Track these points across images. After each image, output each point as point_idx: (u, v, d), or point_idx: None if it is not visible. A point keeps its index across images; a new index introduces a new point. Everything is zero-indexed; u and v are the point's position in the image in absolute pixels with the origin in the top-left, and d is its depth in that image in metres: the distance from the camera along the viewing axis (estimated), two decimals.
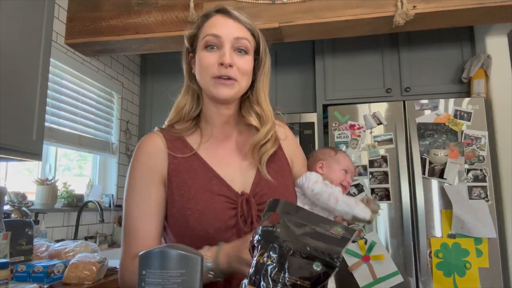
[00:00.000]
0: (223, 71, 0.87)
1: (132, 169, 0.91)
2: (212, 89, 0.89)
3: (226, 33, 0.89)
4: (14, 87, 1.46)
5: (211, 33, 0.89)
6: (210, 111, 0.95)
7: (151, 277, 0.55)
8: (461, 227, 2.19)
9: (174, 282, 0.55)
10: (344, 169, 1.07)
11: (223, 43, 0.88)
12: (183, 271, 0.56)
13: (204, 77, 0.90)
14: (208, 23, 0.92)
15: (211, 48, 0.89)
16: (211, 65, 0.88)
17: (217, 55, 0.88)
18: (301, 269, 0.53)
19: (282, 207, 0.62)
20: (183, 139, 0.94)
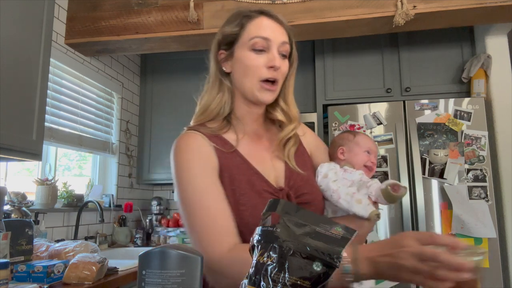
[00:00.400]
0: (273, 73, 0.90)
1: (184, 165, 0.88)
2: (256, 92, 0.91)
3: (275, 37, 0.91)
4: (14, 87, 1.46)
5: (260, 36, 0.90)
6: (242, 110, 0.97)
7: (151, 277, 0.55)
8: (461, 227, 2.19)
9: (174, 282, 0.55)
10: (366, 150, 1.04)
11: (271, 47, 0.90)
12: (183, 271, 0.56)
13: (250, 79, 0.91)
14: (253, 24, 0.92)
15: (259, 51, 0.90)
16: (259, 68, 0.90)
17: (265, 58, 0.90)
18: (301, 269, 0.53)
19: (282, 207, 0.62)
20: (221, 137, 0.94)
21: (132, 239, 2.85)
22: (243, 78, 0.92)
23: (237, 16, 0.96)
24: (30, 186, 2.19)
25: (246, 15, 0.94)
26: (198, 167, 0.87)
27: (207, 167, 0.88)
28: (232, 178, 0.88)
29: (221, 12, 2.30)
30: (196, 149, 0.89)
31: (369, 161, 1.03)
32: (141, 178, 3.11)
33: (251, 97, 0.93)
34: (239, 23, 0.94)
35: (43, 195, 2.14)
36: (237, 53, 0.93)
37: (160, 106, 3.17)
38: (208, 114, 0.96)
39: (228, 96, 0.95)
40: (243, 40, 0.92)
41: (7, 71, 1.42)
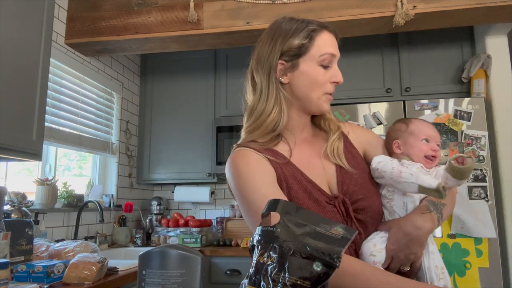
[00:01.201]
0: (334, 89, 0.95)
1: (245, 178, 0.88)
2: (323, 104, 0.95)
3: (337, 53, 0.95)
4: (14, 87, 1.46)
5: (330, 52, 0.93)
6: (294, 120, 0.98)
7: (151, 277, 0.55)
8: (461, 227, 2.19)
9: (174, 282, 0.55)
10: (423, 138, 0.95)
11: (334, 62, 0.95)
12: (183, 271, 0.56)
13: (317, 92, 0.93)
14: (322, 39, 0.93)
15: (326, 67, 0.93)
16: (325, 83, 0.93)
17: (330, 73, 0.93)
18: (301, 269, 0.53)
19: (282, 207, 0.62)
20: (272, 149, 0.94)
21: (132, 239, 2.85)
22: (309, 91, 0.93)
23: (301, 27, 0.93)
24: (30, 186, 2.19)
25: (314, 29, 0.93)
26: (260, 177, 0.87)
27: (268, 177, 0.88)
28: (289, 187, 0.89)
29: (221, 12, 2.30)
30: (253, 162, 0.90)
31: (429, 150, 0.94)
32: (141, 178, 3.11)
33: (315, 108, 0.96)
34: (308, 35, 0.92)
35: (43, 195, 2.14)
36: (303, 66, 0.93)
37: (160, 106, 3.17)
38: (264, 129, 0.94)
39: (285, 108, 0.94)
40: (312, 55, 0.92)
41: (7, 71, 1.42)
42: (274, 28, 0.97)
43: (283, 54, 0.93)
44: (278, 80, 0.94)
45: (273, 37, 0.95)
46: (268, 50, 0.94)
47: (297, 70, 0.93)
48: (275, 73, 0.94)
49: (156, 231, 2.88)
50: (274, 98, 0.93)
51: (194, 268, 0.57)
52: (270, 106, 0.93)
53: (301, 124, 0.99)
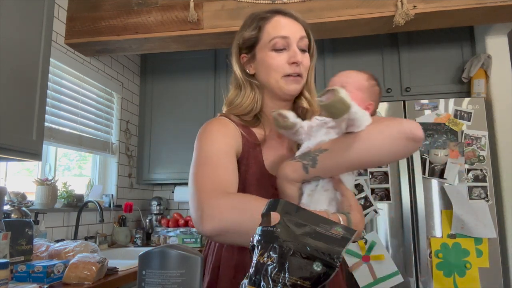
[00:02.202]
0: (295, 69, 0.94)
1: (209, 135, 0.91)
2: (284, 86, 0.95)
3: (293, 34, 0.95)
4: (14, 87, 1.46)
5: (279, 35, 0.94)
6: (269, 107, 1.00)
7: (151, 277, 0.55)
8: (461, 227, 2.19)
9: (174, 282, 0.55)
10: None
11: (291, 44, 0.94)
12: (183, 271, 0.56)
13: (274, 76, 0.95)
14: (270, 25, 0.96)
15: (279, 50, 0.94)
16: (281, 65, 0.94)
17: (286, 55, 0.94)
18: (301, 269, 0.53)
19: (282, 207, 0.62)
20: (249, 128, 0.98)
21: (132, 239, 2.85)
22: (267, 77, 0.96)
23: (253, 19, 0.99)
24: (30, 186, 2.19)
25: (262, 17, 0.97)
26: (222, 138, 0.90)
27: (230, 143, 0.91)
28: (248, 167, 0.92)
29: (221, 12, 2.30)
30: (224, 128, 0.93)
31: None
32: (141, 178, 3.11)
33: (279, 92, 0.96)
34: (256, 26, 0.98)
35: (43, 195, 2.14)
36: (259, 55, 0.97)
37: (160, 106, 3.17)
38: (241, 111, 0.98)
39: (259, 93, 0.99)
40: (263, 42, 0.96)
41: (7, 71, 1.42)
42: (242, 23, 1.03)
43: (242, 48, 1.00)
44: (245, 71, 1.00)
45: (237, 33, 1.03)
46: (233, 45, 1.02)
47: (255, 60, 0.98)
48: (242, 65, 1.00)
49: (156, 231, 2.88)
50: (248, 87, 0.99)
51: (194, 268, 0.57)
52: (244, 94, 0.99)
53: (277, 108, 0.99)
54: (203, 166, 0.85)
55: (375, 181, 2.34)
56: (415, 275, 2.22)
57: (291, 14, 0.97)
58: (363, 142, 0.78)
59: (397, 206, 2.30)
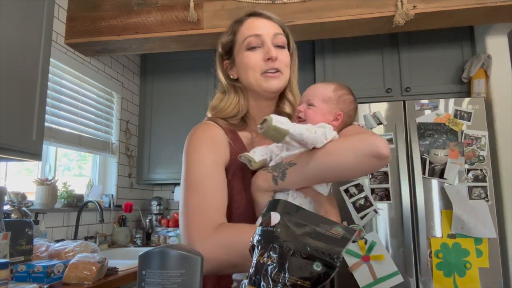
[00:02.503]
0: (271, 64, 0.94)
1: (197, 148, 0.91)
2: (263, 84, 0.95)
3: (266, 31, 0.96)
4: (14, 87, 1.46)
5: (252, 34, 0.95)
6: (254, 108, 1.01)
7: (151, 277, 0.55)
8: (461, 227, 2.19)
9: (174, 282, 0.55)
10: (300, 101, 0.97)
11: (265, 41, 0.95)
12: (183, 271, 0.56)
13: (253, 74, 0.95)
14: (244, 27, 0.98)
15: (253, 48, 0.95)
16: (257, 63, 0.95)
17: (261, 53, 0.95)
18: (301, 269, 0.53)
19: (282, 207, 0.62)
20: (236, 133, 0.98)
21: (132, 239, 2.85)
22: (247, 77, 0.97)
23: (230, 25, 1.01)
24: (30, 186, 2.19)
25: (237, 21, 0.99)
26: (209, 152, 0.91)
27: (218, 154, 0.91)
28: (236, 175, 0.92)
29: (221, 12, 2.30)
30: (211, 137, 0.93)
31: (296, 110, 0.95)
32: (141, 178, 3.11)
33: (260, 90, 0.96)
34: (232, 30, 1.00)
35: (43, 195, 2.14)
36: (237, 58, 0.99)
37: (160, 106, 3.17)
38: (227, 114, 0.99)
39: (243, 96, 1.00)
40: (238, 45, 0.98)
41: (7, 71, 1.42)
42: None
43: (223, 55, 1.02)
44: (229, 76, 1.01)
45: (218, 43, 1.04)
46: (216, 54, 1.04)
47: (235, 64, 1.00)
48: (225, 71, 1.02)
49: (156, 231, 2.87)
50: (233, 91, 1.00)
51: (194, 268, 0.57)
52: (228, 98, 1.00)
53: (260, 112, 0.99)
54: (192, 192, 0.86)
55: (375, 181, 2.34)
56: (415, 275, 2.22)
57: (264, 15, 0.99)
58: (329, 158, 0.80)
59: (397, 206, 2.30)
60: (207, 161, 0.89)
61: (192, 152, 0.91)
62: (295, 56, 1.04)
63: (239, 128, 0.99)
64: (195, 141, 0.93)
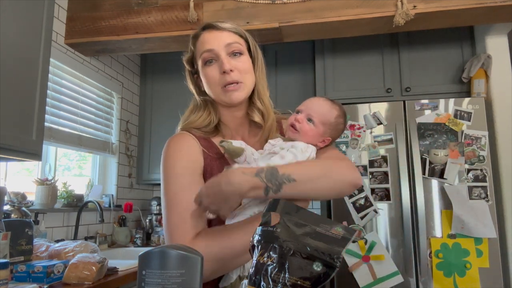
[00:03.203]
0: (228, 78, 0.94)
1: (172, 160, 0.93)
2: (224, 98, 0.97)
3: (217, 44, 0.96)
4: (14, 87, 1.46)
5: (204, 50, 0.97)
6: (226, 116, 1.03)
7: (151, 277, 0.55)
8: (461, 227, 2.19)
9: (174, 282, 0.55)
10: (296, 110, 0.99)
11: (218, 54, 0.96)
12: (183, 271, 0.56)
13: (214, 89, 0.98)
14: (198, 42, 1.00)
15: (209, 63, 0.97)
16: (215, 77, 0.96)
17: (217, 66, 0.96)
18: (301, 269, 0.53)
19: (282, 207, 0.62)
20: (210, 140, 1.00)
21: (132, 239, 2.85)
22: (209, 90, 1.00)
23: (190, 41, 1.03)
24: (30, 186, 2.19)
25: (193, 36, 1.02)
26: (184, 166, 0.93)
27: (193, 166, 0.94)
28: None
29: (221, 12, 2.30)
30: (185, 149, 0.95)
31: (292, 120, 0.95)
32: (141, 178, 3.11)
33: (224, 103, 0.99)
34: (190, 48, 1.02)
35: (43, 195, 2.14)
36: (200, 72, 1.01)
37: (160, 106, 3.17)
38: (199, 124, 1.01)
39: (213, 109, 1.02)
40: (197, 60, 1.01)
41: (7, 71, 1.42)
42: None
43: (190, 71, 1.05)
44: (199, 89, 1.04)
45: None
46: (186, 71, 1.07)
47: (200, 77, 1.02)
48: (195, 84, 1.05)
49: (156, 231, 2.87)
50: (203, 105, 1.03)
51: (194, 268, 0.57)
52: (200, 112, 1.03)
53: (235, 119, 1.03)
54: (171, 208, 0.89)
55: (375, 181, 2.34)
56: (415, 275, 2.22)
57: (216, 26, 0.99)
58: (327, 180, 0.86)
59: (397, 206, 2.30)
60: (184, 172, 0.91)
61: (168, 165, 0.93)
62: (260, 60, 1.03)
63: (212, 135, 1.01)
64: (171, 154, 0.95)
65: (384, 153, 2.37)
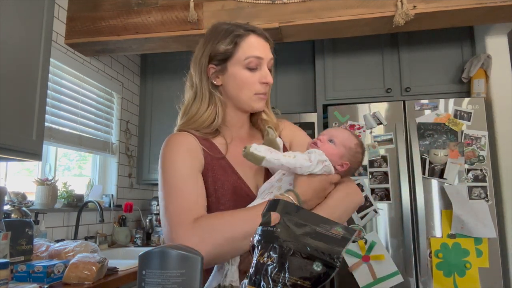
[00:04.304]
0: (265, 89, 0.99)
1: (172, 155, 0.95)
2: (253, 104, 1.00)
3: (266, 56, 0.99)
4: (14, 87, 1.46)
5: (254, 55, 0.97)
6: (230, 118, 1.04)
7: (151, 277, 0.55)
8: (461, 227, 2.19)
9: (174, 282, 0.55)
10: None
11: (263, 64, 0.98)
12: (183, 271, 0.56)
13: (246, 93, 0.99)
14: (246, 43, 0.98)
15: (253, 69, 0.98)
16: (254, 84, 0.98)
17: (258, 74, 0.98)
18: (301, 269, 0.53)
19: (282, 207, 0.62)
20: (210, 141, 1.01)
21: (132, 239, 2.85)
22: (238, 92, 0.99)
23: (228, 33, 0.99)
24: (30, 186, 2.19)
25: (238, 34, 0.98)
26: (184, 159, 0.94)
27: (193, 161, 0.94)
28: (216, 178, 0.95)
29: (221, 12, 2.30)
30: (185, 145, 0.96)
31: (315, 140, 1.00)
32: (141, 178, 3.11)
33: (247, 107, 1.01)
34: (232, 41, 0.98)
35: (43, 195, 2.14)
36: (231, 69, 0.98)
37: (160, 106, 3.17)
38: (199, 124, 1.00)
39: (220, 107, 1.01)
40: (237, 59, 0.98)
41: (7, 71, 1.42)
42: (209, 32, 1.03)
43: (212, 59, 0.99)
44: (211, 82, 1.00)
45: (205, 42, 1.02)
46: (200, 54, 1.01)
47: (226, 73, 0.99)
48: (207, 75, 1.00)
49: (156, 231, 2.87)
50: (208, 98, 1.00)
51: (194, 268, 0.57)
52: (205, 106, 1.00)
53: (238, 121, 1.05)
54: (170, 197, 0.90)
55: (375, 181, 2.35)
56: (415, 275, 2.22)
57: (264, 36, 1.01)
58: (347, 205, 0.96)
59: (397, 206, 2.30)
60: (183, 168, 0.92)
61: (167, 161, 0.95)
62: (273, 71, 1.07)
63: (212, 136, 1.01)
64: (170, 150, 0.96)
65: (384, 153, 2.37)
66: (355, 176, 2.35)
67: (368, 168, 2.36)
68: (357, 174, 2.36)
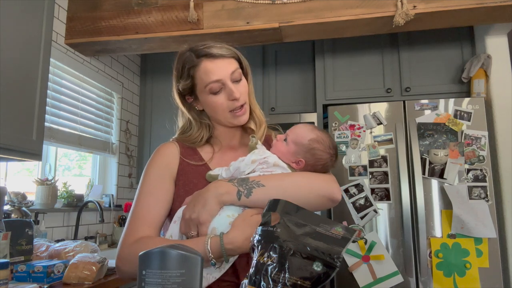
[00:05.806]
0: (237, 103, 1.00)
1: (148, 167, 1.02)
2: (232, 121, 1.03)
3: (224, 75, 0.98)
4: (14, 87, 1.46)
5: (212, 81, 0.98)
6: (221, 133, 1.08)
7: (151, 277, 0.55)
8: (461, 227, 2.19)
9: (174, 282, 0.55)
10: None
11: (225, 83, 0.98)
12: (183, 271, 0.56)
13: (222, 114, 1.02)
14: (201, 72, 0.99)
15: (217, 92, 0.99)
16: (224, 104, 1.00)
17: (225, 94, 0.99)
18: (301, 269, 0.53)
19: (282, 207, 0.62)
20: (195, 150, 1.06)
21: None
22: (215, 115, 1.04)
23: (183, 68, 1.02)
24: (30, 186, 2.19)
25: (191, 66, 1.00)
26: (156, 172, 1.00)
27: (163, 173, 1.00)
28: (188, 181, 0.99)
29: (221, 12, 2.30)
30: (162, 157, 1.03)
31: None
32: None
33: (229, 124, 1.05)
34: (188, 75, 1.01)
35: (43, 195, 2.14)
36: (200, 97, 1.03)
37: (160, 106, 3.17)
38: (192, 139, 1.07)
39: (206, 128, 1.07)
40: (199, 89, 1.01)
41: (7, 71, 1.42)
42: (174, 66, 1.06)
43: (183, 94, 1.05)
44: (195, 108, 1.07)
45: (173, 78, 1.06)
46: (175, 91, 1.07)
47: (199, 101, 1.04)
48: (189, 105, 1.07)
49: None
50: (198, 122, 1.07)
51: (194, 268, 0.57)
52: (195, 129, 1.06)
53: (227, 135, 1.09)
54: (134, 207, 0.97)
55: (375, 181, 2.34)
56: (415, 275, 2.22)
57: (216, 55, 0.99)
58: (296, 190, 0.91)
59: (397, 206, 2.30)
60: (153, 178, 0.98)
61: (145, 170, 1.01)
62: (249, 74, 1.08)
63: (200, 145, 1.06)
64: (149, 162, 1.03)
65: (384, 153, 2.37)
66: (356, 176, 2.35)
67: (368, 168, 2.36)
68: (357, 174, 2.36)
